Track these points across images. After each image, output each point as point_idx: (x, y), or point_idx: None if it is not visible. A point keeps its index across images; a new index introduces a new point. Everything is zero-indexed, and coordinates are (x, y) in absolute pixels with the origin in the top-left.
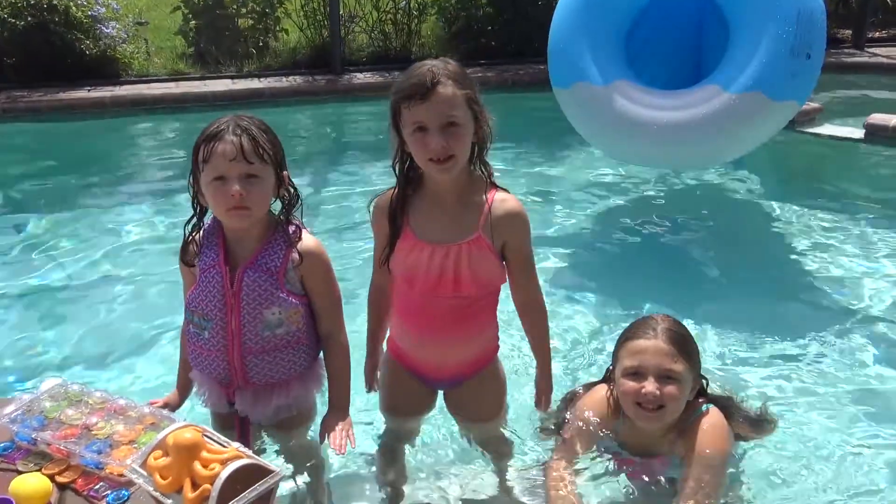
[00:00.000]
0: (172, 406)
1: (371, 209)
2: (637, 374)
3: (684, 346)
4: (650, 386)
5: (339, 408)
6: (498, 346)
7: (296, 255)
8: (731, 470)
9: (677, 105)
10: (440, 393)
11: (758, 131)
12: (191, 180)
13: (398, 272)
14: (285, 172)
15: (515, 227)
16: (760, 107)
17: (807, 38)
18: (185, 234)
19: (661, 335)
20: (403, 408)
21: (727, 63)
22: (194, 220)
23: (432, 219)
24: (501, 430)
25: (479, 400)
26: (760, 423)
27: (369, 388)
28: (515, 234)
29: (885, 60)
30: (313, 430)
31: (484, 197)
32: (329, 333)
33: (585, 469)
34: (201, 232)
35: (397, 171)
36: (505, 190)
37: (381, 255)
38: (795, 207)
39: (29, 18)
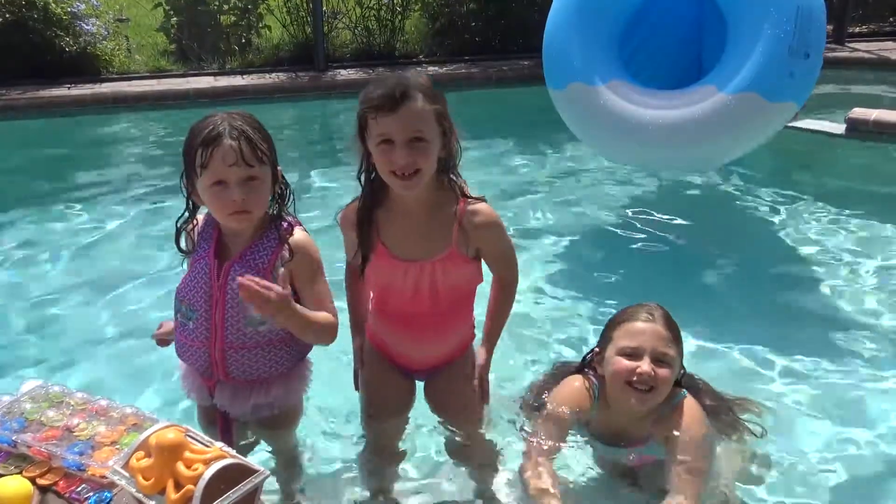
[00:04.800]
0: (168, 332)
1: (338, 220)
2: (633, 354)
3: (677, 334)
4: (646, 366)
5: None
6: (474, 335)
7: (286, 253)
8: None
9: (672, 106)
10: (420, 389)
11: (753, 133)
12: (183, 181)
13: (372, 284)
14: (279, 168)
15: (489, 236)
16: (755, 108)
17: (806, 36)
18: (176, 227)
19: (658, 320)
20: (384, 402)
21: (724, 63)
22: (186, 215)
23: (404, 234)
24: (482, 427)
25: (457, 388)
26: (717, 414)
27: (361, 364)
28: (490, 241)
29: (865, 55)
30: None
31: (454, 209)
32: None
33: (562, 458)
34: (198, 223)
35: (362, 182)
36: (477, 198)
37: (352, 259)
38: (778, 201)
39: (7, 15)
